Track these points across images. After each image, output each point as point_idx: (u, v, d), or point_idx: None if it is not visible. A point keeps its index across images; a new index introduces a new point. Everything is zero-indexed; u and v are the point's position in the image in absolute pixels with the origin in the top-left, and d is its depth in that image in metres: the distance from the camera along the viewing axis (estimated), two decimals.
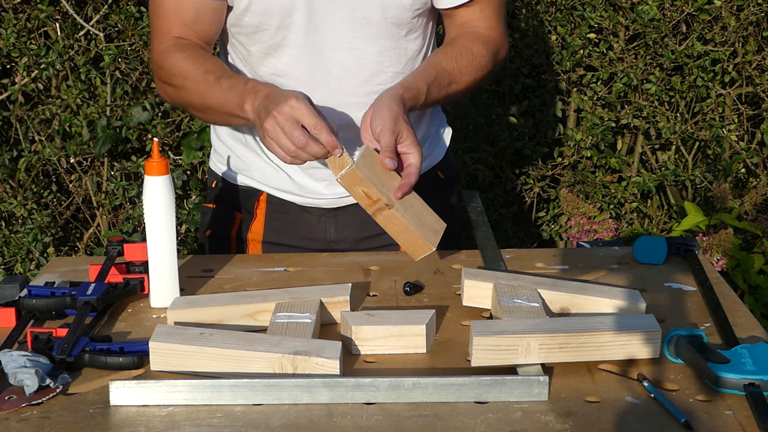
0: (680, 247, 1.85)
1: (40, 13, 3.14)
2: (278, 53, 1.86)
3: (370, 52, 1.86)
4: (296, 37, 1.83)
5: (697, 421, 1.29)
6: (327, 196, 1.96)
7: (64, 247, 3.47)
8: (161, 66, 1.87)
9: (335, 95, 1.87)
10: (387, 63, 1.88)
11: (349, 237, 2.01)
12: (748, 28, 3.30)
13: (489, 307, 1.63)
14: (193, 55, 1.84)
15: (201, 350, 1.40)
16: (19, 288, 1.70)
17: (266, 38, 1.85)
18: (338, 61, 1.85)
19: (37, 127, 3.29)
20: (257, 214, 2.01)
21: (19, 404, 1.34)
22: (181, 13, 1.85)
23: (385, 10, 1.82)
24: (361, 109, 1.83)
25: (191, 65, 1.83)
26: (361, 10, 1.82)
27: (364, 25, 1.83)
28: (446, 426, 1.29)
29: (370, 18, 1.83)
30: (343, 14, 1.82)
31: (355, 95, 1.88)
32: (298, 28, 1.82)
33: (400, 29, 1.86)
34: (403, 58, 1.90)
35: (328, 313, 1.60)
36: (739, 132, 3.45)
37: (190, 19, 1.85)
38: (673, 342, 1.45)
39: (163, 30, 1.88)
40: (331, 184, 1.94)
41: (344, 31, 1.83)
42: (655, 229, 3.50)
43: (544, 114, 3.46)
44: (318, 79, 1.86)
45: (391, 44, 1.87)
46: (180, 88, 1.85)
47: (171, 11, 1.86)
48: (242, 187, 2.02)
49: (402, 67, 1.90)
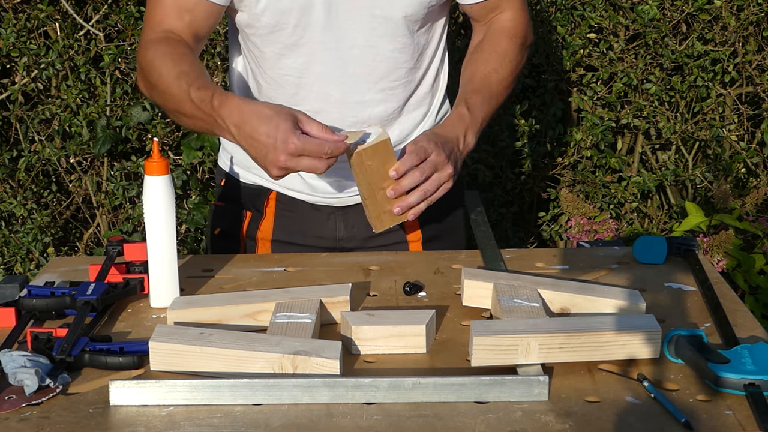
0: (680, 247, 1.85)
1: (40, 13, 3.14)
2: (294, 53, 1.85)
3: (387, 49, 1.86)
4: (314, 35, 1.82)
5: (697, 421, 1.29)
6: (337, 195, 1.97)
7: (64, 247, 3.47)
8: (143, 56, 1.82)
9: (351, 93, 1.87)
10: (402, 59, 1.88)
11: (358, 235, 2.02)
12: (749, 28, 3.30)
13: (489, 307, 1.63)
14: (176, 52, 1.79)
15: (201, 350, 1.40)
16: (19, 288, 1.70)
17: (283, 38, 1.83)
18: (355, 58, 1.85)
19: (36, 127, 3.29)
20: (267, 213, 2.02)
21: (19, 404, 1.34)
22: (181, 4, 1.82)
23: (405, 8, 1.82)
24: (376, 105, 1.86)
25: (169, 63, 1.77)
26: (380, 8, 1.81)
27: (382, 22, 1.82)
28: (446, 426, 1.29)
29: (389, 16, 1.82)
30: (362, 12, 1.81)
31: (371, 91, 1.88)
32: (315, 26, 1.81)
33: (415, 24, 1.86)
34: (417, 53, 1.91)
35: (328, 313, 1.60)
36: (739, 132, 3.44)
37: (189, 14, 1.82)
38: (674, 342, 1.45)
39: (156, 18, 1.84)
40: (341, 183, 1.95)
41: (362, 29, 1.82)
42: (655, 229, 3.50)
43: (544, 114, 3.46)
44: (335, 77, 1.86)
45: (407, 40, 1.87)
46: (154, 86, 1.80)
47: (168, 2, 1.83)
48: (251, 185, 2.02)
49: (416, 63, 1.91)
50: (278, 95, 1.90)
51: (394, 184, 1.68)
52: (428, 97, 1.98)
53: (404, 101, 1.94)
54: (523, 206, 3.64)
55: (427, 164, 1.69)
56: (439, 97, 2.01)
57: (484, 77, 1.88)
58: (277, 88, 1.90)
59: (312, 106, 1.87)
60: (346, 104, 1.88)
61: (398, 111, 1.94)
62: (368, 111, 1.90)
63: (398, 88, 1.91)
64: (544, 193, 3.56)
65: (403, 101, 1.93)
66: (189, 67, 1.76)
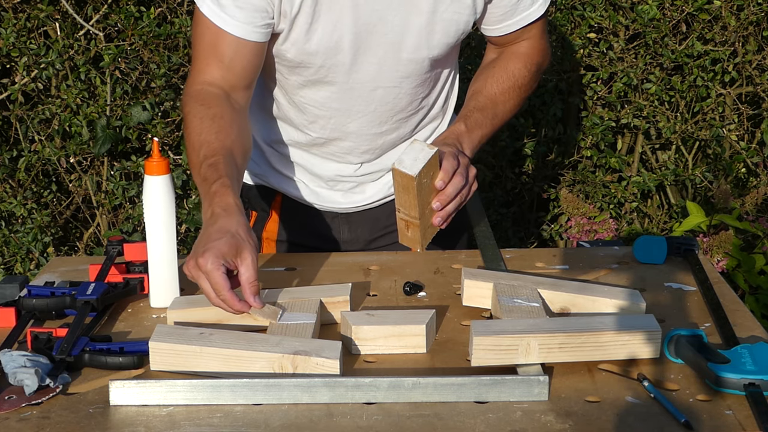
0: (680, 247, 1.85)
1: (40, 13, 3.14)
2: (317, 87, 1.83)
3: (409, 87, 1.86)
4: (337, 76, 1.81)
5: (697, 421, 1.29)
6: (343, 204, 1.99)
7: (64, 247, 3.47)
8: (183, 106, 1.78)
9: (369, 126, 1.89)
10: (421, 92, 1.89)
11: (362, 237, 2.03)
12: (748, 28, 3.30)
13: (489, 307, 1.63)
14: (207, 114, 1.72)
15: (201, 350, 1.40)
16: (19, 288, 1.70)
17: (308, 73, 1.81)
18: (378, 97, 1.85)
19: (36, 127, 3.29)
20: (273, 213, 2.02)
21: (19, 404, 1.34)
22: (219, 49, 1.75)
23: (431, 50, 1.81)
24: (390, 133, 1.90)
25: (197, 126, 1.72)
26: (407, 51, 1.80)
27: (407, 64, 1.82)
28: (446, 426, 1.29)
29: (416, 58, 1.81)
30: (388, 56, 1.80)
31: (387, 123, 1.90)
32: (340, 68, 1.79)
33: (438, 62, 1.86)
34: (433, 83, 1.91)
35: (328, 313, 1.60)
36: (739, 132, 3.44)
37: (228, 57, 1.75)
38: (674, 342, 1.45)
39: (198, 67, 1.78)
40: (348, 195, 1.97)
41: (388, 71, 1.81)
42: (656, 229, 3.50)
43: (544, 114, 3.46)
44: (354, 113, 1.86)
45: (428, 75, 1.87)
46: (185, 142, 1.76)
47: (208, 46, 1.76)
48: (257, 186, 2.03)
49: (431, 90, 1.92)
50: (296, 117, 1.90)
51: (440, 195, 1.61)
52: (439, 116, 2.00)
53: (416, 125, 1.96)
54: (523, 206, 3.64)
55: (462, 168, 1.64)
56: (449, 114, 2.02)
57: (490, 97, 1.86)
58: (297, 112, 1.90)
59: (328, 135, 1.89)
60: (361, 135, 1.89)
61: (410, 134, 1.96)
62: (382, 139, 1.92)
63: (412, 116, 1.93)
64: (544, 193, 3.56)
65: (415, 125, 1.96)
66: (214, 136, 1.70)
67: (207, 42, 1.76)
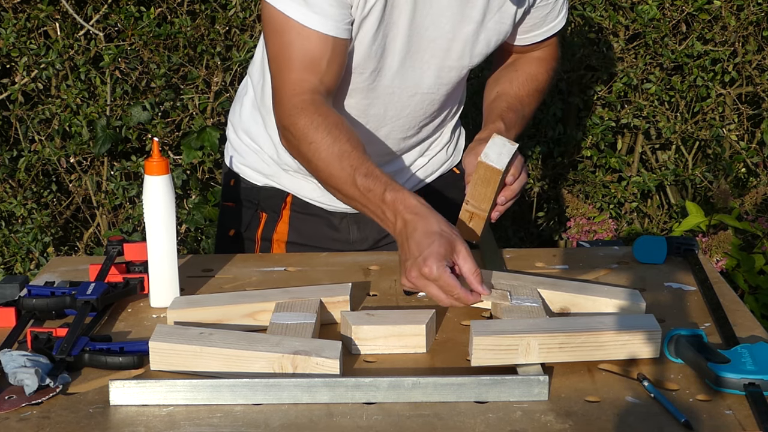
0: (680, 247, 1.85)
1: (40, 13, 3.14)
2: (360, 95, 1.81)
3: (443, 94, 1.87)
4: (383, 80, 1.80)
5: (697, 421, 1.29)
6: None
7: (64, 247, 3.47)
8: (288, 126, 1.69)
9: (398, 131, 1.90)
10: (449, 99, 1.92)
11: (370, 237, 2.04)
12: (748, 28, 3.30)
13: (489, 307, 1.63)
14: (329, 122, 1.66)
15: (201, 350, 1.40)
16: (19, 288, 1.70)
17: (358, 81, 1.78)
18: (414, 103, 1.85)
19: (37, 127, 3.29)
20: (283, 215, 2.02)
21: (19, 404, 1.34)
22: (314, 54, 1.67)
23: (472, 59, 1.83)
24: (414, 136, 1.92)
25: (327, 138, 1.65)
26: (452, 59, 1.81)
27: (448, 71, 1.83)
28: (446, 426, 1.29)
29: (456, 66, 1.83)
30: (434, 62, 1.80)
31: (413, 128, 1.91)
32: (387, 72, 1.79)
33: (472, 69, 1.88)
34: (459, 90, 1.95)
35: (328, 313, 1.60)
36: (739, 132, 3.44)
37: (326, 60, 1.68)
38: (674, 342, 1.45)
39: (292, 79, 1.68)
40: None
41: (429, 78, 1.82)
42: (655, 228, 3.50)
43: (544, 114, 3.46)
44: (389, 118, 1.86)
45: (459, 83, 1.90)
46: (309, 161, 1.69)
47: (300, 52, 1.67)
48: (266, 187, 2.02)
49: (454, 98, 1.95)
50: None
51: (505, 191, 1.71)
52: (449, 122, 2.02)
53: (433, 130, 1.98)
54: (523, 206, 3.64)
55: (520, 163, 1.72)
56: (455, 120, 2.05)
57: (519, 99, 1.91)
58: None
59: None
60: (388, 140, 1.90)
61: (425, 139, 1.98)
62: (405, 143, 1.93)
63: (433, 121, 1.95)
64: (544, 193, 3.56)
65: (432, 131, 1.98)
66: (349, 144, 1.65)
67: (298, 48, 1.67)
